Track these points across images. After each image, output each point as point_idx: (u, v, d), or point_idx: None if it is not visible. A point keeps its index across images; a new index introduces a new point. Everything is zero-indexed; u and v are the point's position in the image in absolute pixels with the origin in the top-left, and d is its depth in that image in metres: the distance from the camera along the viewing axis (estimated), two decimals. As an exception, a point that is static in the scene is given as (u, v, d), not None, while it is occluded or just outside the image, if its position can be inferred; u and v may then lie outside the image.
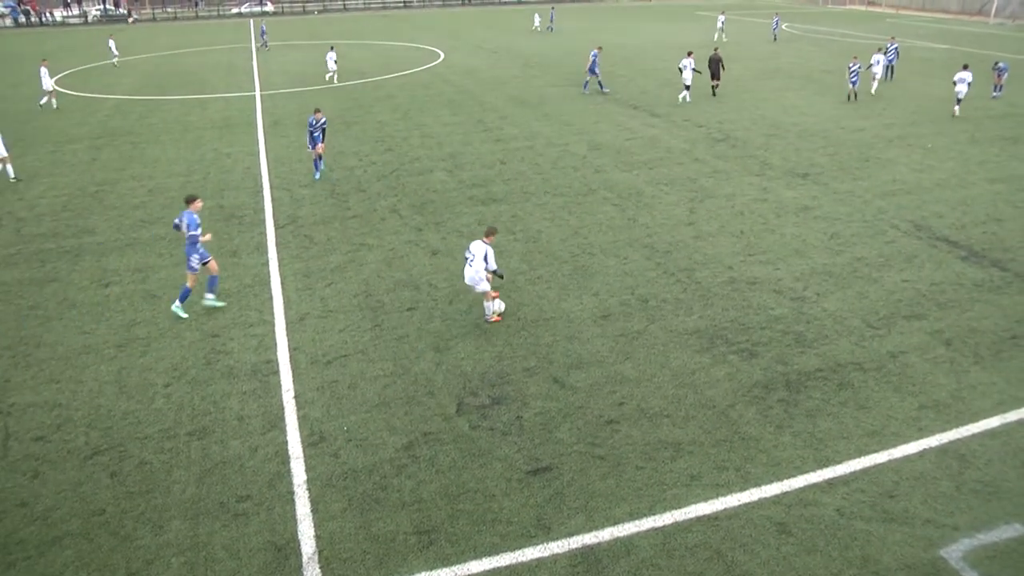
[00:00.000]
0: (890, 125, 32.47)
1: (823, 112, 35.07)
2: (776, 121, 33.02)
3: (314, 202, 22.36)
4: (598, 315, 15.48)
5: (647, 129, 31.33)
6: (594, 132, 30.79)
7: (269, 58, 53.43)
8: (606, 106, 36.10)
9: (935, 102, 37.84)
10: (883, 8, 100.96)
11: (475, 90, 40.41)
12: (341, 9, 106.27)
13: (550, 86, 41.52)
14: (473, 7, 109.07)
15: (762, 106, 36.26)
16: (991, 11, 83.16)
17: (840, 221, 20.94)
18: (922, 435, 11.86)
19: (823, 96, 39.05)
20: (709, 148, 28.41)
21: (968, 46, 60.00)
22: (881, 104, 37.07)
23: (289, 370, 13.56)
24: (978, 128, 32.08)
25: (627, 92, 39.82)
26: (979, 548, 9.64)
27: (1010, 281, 17.37)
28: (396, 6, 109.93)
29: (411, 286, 16.88)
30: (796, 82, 43.33)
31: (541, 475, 10.86)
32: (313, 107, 26.19)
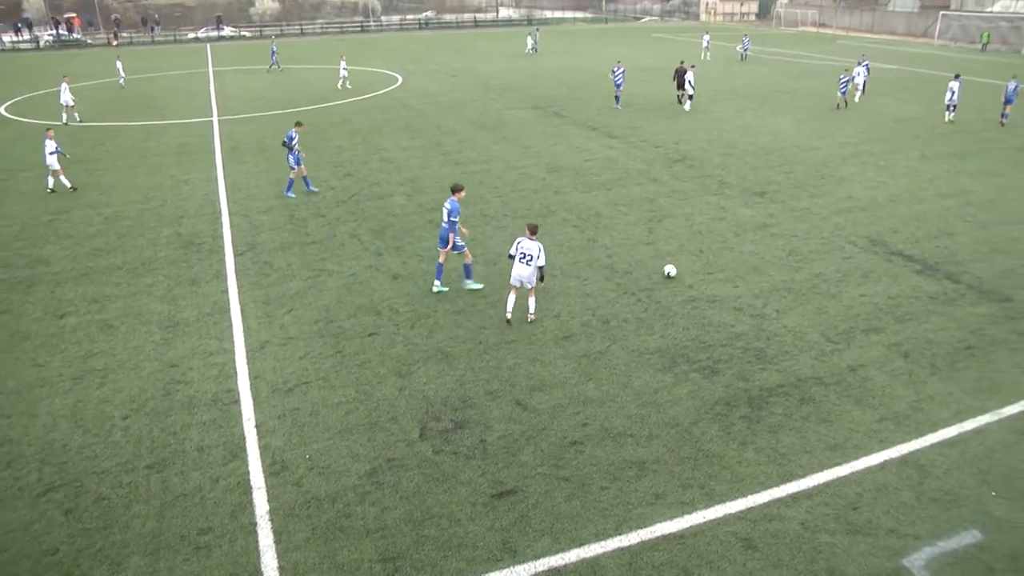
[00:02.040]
0: (844, 144, 33.08)
1: (779, 131, 35.64)
2: (732, 141, 33.49)
3: (273, 228, 22.25)
4: (560, 336, 15.55)
5: (605, 150, 31.61)
6: (552, 154, 31.00)
7: (226, 83, 53.15)
8: (564, 128, 36.37)
9: (887, 120, 38.65)
10: (834, 30, 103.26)
11: (433, 114, 40.51)
12: (298, 33, 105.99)
13: (508, 109, 41.75)
14: (431, 31, 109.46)
15: (718, 126, 36.75)
16: (935, 33, 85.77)
17: (798, 238, 21.25)
18: (883, 447, 12.08)
19: (778, 116, 39.69)
20: (667, 168, 28.71)
21: (916, 66, 61.41)
22: (835, 123, 37.76)
23: (250, 399, 13.43)
24: (928, 145, 32.81)
25: (584, 114, 40.17)
26: (940, 556, 9.84)
27: (963, 293, 17.77)
28: (353, 30, 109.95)
29: (372, 311, 16.84)
30: (751, 102, 43.99)
31: (506, 498, 10.86)
32: (293, 122, 26.21)
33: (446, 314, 16.62)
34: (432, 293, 17.71)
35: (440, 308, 16.91)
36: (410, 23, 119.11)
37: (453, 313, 16.67)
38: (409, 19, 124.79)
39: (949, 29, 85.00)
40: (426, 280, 18.35)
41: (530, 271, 15.27)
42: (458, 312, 16.70)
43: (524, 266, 15.28)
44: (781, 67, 61.57)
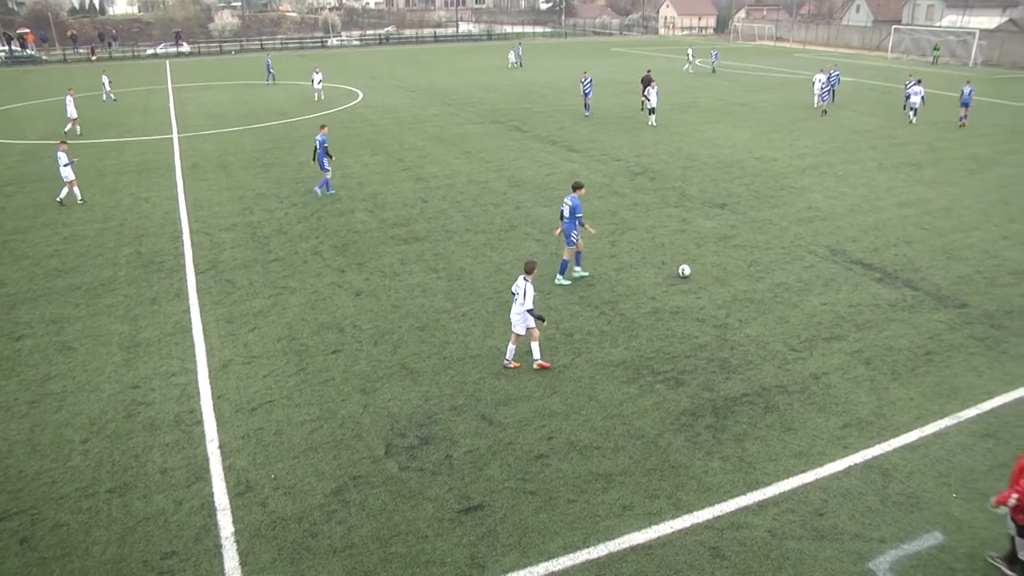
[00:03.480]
0: (803, 155, 33.56)
1: (738, 144, 36.05)
2: (692, 153, 33.81)
3: (235, 246, 22.09)
4: (524, 351, 15.53)
5: (566, 164, 31.77)
6: (514, 168, 31.10)
7: (186, 99, 52.71)
8: (525, 142, 36.51)
9: (845, 131, 39.28)
10: (791, 44, 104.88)
11: (394, 129, 40.49)
12: (258, 49, 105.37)
13: (469, 123, 41.84)
14: (391, 46, 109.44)
15: (678, 139, 37.10)
16: (888, 47, 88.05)
17: (759, 249, 21.50)
18: (847, 453, 12.28)
19: (737, 128, 40.15)
20: (628, 181, 28.92)
21: (871, 79, 62.44)
22: (794, 135, 38.28)
23: (213, 419, 13.30)
24: (885, 156, 33.39)
25: (545, 128, 40.36)
26: (904, 558, 10.04)
27: (921, 300, 18.10)
28: (314, 46, 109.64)
29: (335, 328, 16.77)
30: (711, 115, 44.48)
31: (473, 513, 10.87)
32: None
33: (410, 330, 16.60)
34: (392, 309, 17.69)
35: (404, 324, 16.89)
36: (370, 38, 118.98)
37: (417, 329, 16.65)
38: (369, 34, 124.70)
39: (902, 43, 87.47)
40: (388, 296, 18.33)
41: (516, 312, 14.36)
42: (422, 328, 16.69)
43: (515, 305, 14.44)
44: (740, 80, 62.32)
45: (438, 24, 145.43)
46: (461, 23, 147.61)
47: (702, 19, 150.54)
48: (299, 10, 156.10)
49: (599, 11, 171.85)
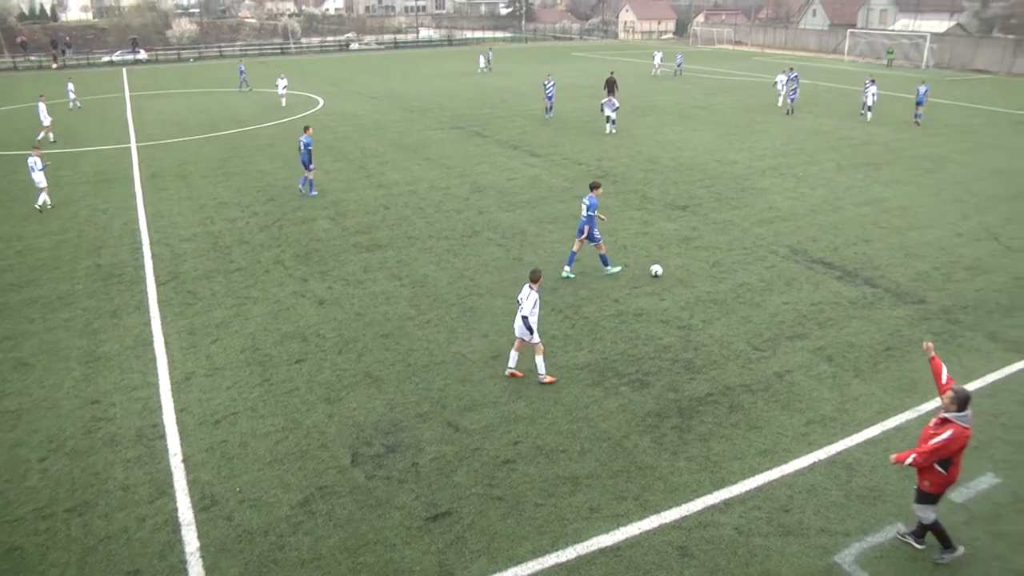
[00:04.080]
0: (762, 156, 33.93)
1: (699, 146, 36.37)
2: (653, 156, 34.05)
3: (196, 256, 21.86)
4: (488, 356, 15.59)
5: (528, 169, 31.84)
6: (476, 174, 31.11)
7: (144, 108, 52.04)
8: (486, 147, 36.54)
9: (803, 133, 39.82)
10: (749, 47, 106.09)
11: (355, 136, 40.32)
12: (217, 56, 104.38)
13: (430, 129, 41.78)
14: (351, 53, 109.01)
15: (639, 143, 37.35)
16: (845, 50, 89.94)
17: (721, 250, 21.70)
18: (811, 449, 12.46)
19: (698, 131, 40.51)
20: (590, 185, 29.01)
21: (829, 81, 63.31)
22: (754, 137, 38.70)
23: (176, 433, 13.14)
24: (843, 156, 33.89)
25: (507, 133, 40.42)
26: (868, 550, 10.24)
27: (881, 297, 18.39)
28: (273, 52, 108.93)
29: (299, 338, 16.66)
30: (671, 118, 44.84)
31: (441, 520, 10.86)
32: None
33: (374, 338, 16.54)
34: (356, 317, 17.62)
35: (368, 332, 16.82)
36: (330, 45, 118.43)
37: (381, 337, 16.59)
38: (329, 41, 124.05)
39: (857, 46, 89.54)
40: (352, 304, 18.26)
41: (519, 321, 14.10)
42: (386, 336, 16.64)
43: (518, 315, 14.15)
44: (699, 83, 62.88)
45: (398, 30, 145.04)
46: (422, 29, 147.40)
47: (661, 23, 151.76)
48: (258, 16, 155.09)
49: (559, 16, 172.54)
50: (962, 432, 9.33)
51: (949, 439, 9.30)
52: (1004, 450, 12.51)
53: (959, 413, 9.39)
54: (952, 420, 9.40)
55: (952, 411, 9.44)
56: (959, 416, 9.38)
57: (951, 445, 9.32)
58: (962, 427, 9.34)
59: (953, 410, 9.43)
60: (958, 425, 9.34)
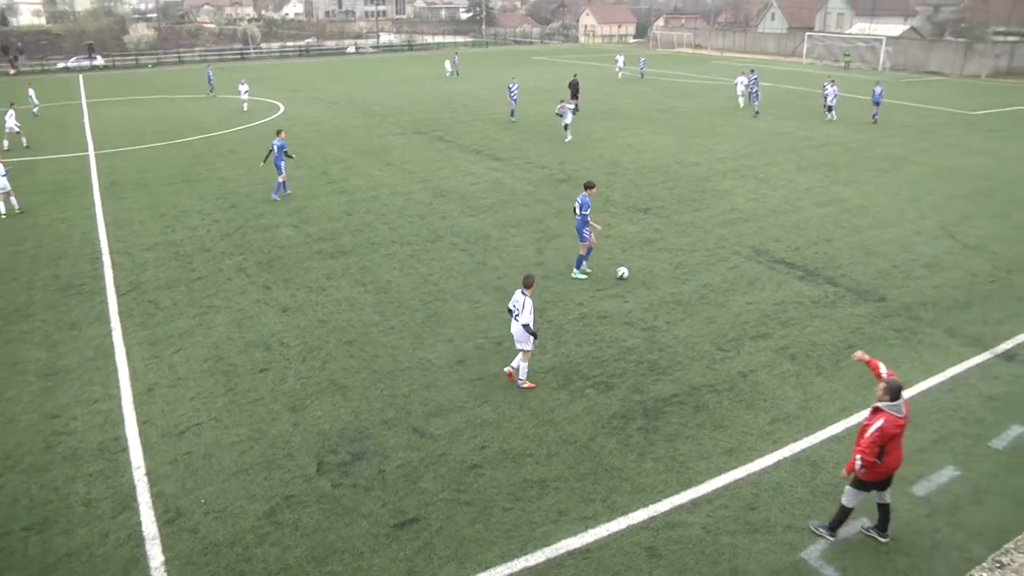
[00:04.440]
0: (723, 158, 34.25)
1: (660, 149, 36.62)
2: (615, 160, 34.23)
3: (157, 265, 21.60)
4: (453, 361, 15.59)
5: (490, 173, 31.87)
6: (438, 179, 31.08)
7: (102, 115, 51.25)
8: (448, 152, 36.51)
9: (764, 135, 40.25)
10: (709, 51, 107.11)
11: (317, 142, 40.09)
12: (177, 62, 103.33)
13: (392, 135, 41.66)
14: (311, 58, 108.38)
15: (601, 146, 37.51)
16: (803, 53, 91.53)
17: (683, 251, 21.86)
18: (776, 447, 12.62)
19: (659, 134, 40.77)
20: (552, 189, 29.14)
21: (788, 83, 64.05)
22: (715, 139, 39.07)
23: (139, 445, 12.96)
24: (803, 157, 34.31)
25: (469, 137, 40.42)
26: (834, 545, 10.41)
27: (842, 295, 18.66)
28: (233, 58, 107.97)
29: (262, 346, 16.53)
30: (632, 121, 45.10)
31: (408, 527, 10.83)
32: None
33: (338, 345, 16.46)
34: (320, 324, 17.53)
35: (332, 339, 16.74)
36: (290, 50, 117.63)
37: (345, 344, 16.52)
38: (289, 46, 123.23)
39: (815, 49, 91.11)
40: (315, 311, 18.16)
41: (518, 328, 13.89)
42: (350, 342, 16.57)
43: (513, 322, 14.01)
44: (660, 87, 63.32)
45: (359, 35, 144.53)
46: (382, 34, 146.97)
47: (622, 27, 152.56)
48: (217, 21, 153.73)
49: (519, 20, 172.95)
50: (894, 420, 9.63)
51: (882, 427, 9.59)
52: (963, 443, 12.75)
53: (891, 402, 9.70)
54: (884, 409, 9.71)
55: (885, 400, 9.75)
56: (891, 405, 9.69)
57: (885, 433, 9.60)
58: (894, 416, 9.64)
59: (886, 399, 9.74)
60: (890, 414, 9.65)
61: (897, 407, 9.66)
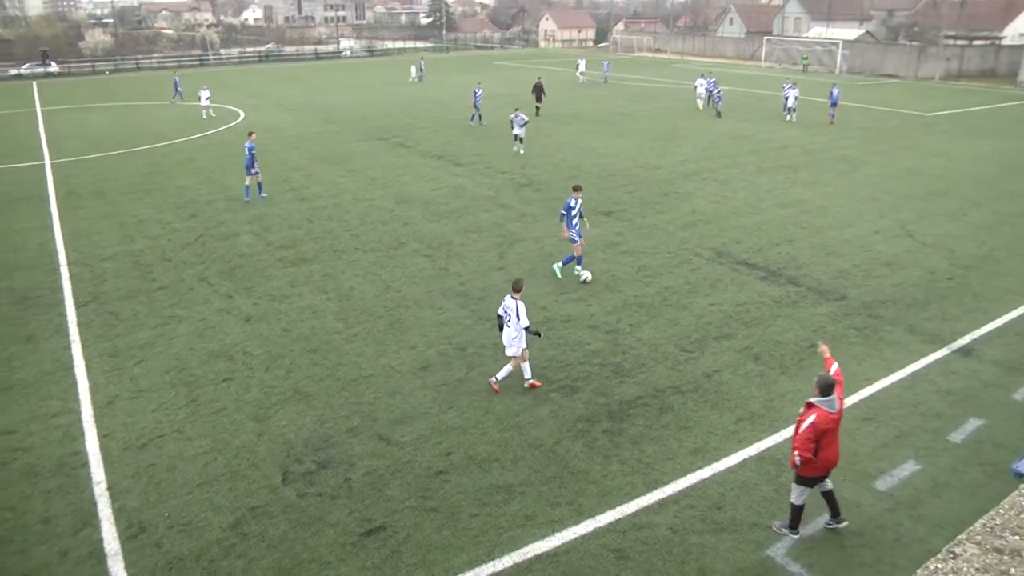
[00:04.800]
0: (684, 161, 34.52)
1: (621, 152, 36.81)
2: (577, 164, 34.35)
3: (117, 276, 21.30)
4: (418, 367, 15.56)
5: (452, 179, 31.85)
6: (400, 185, 31.00)
7: (58, 123, 50.44)
8: (410, 158, 36.43)
9: (724, 137, 40.65)
10: (669, 55, 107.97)
11: (278, 149, 39.79)
12: (135, 68, 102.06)
13: (353, 141, 41.47)
14: (271, 64, 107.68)
15: (563, 150, 37.62)
16: (762, 57, 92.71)
17: (646, 254, 22.00)
18: (741, 446, 12.74)
19: (620, 138, 40.99)
20: (514, 193, 29.19)
21: (747, 87, 64.70)
22: (675, 142, 39.38)
23: (100, 460, 12.74)
24: (763, 159, 34.69)
25: (430, 143, 40.36)
26: (799, 542, 10.52)
27: (804, 295, 18.89)
28: (192, 64, 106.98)
29: (225, 356, 16.37)
30: (593, 126, 45.30)
31: (375, 535, 10.79)
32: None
33: (302, 353, 16.35)
34: (283, 333, 17.41)
35: (295, 348, 16.63)
36: (250, 56, 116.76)
37: (309, 352, 16.41)
38: (249, 52, 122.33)
39: (773, 53, 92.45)
40: (278, 320, 18.03)
41: (510, 335, 13.97)
42: (314, 351, 16.47)
43: (507, 329, 14.00)
44: (620, 91, 63.69)
45: (319, 41, 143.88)
46: (342, 40, 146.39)
47: (581, 31, 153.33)
48: (176, 27, 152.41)
49: (480, 25, 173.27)
50: (826, 415, 9.81)
51: (815, 423, 9.76)
52: (924, 438, 12.96)
53: (823, 398, 9.89)
54: (816, 404, 9.90)
55: (816, 396, 9.93)
56: (823, 400, 9.88)
57: (818, 428, 9.77)
58: (826, 411, 9.83)
59: (816, 395, 9.93)
60: (822, 409, 9.83)
61: (829, 402, 9.86)
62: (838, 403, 9.92)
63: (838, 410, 9.91)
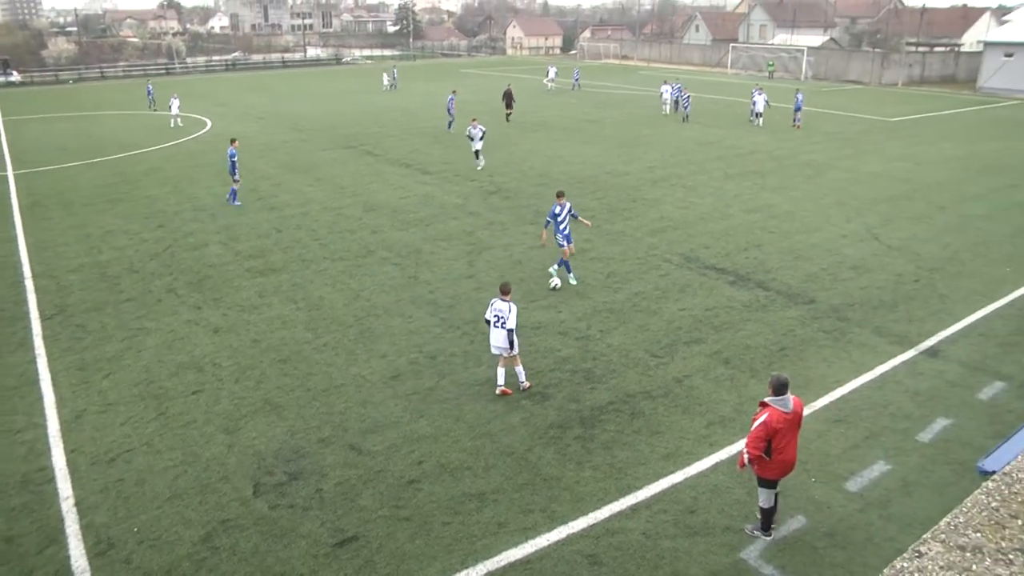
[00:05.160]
0: (652, 168, 34.73)
1: (588, 159, 36.96)
2: (545, 171, 34.45)
3: (84, 288, 21.03)
4: (388, 376, 15.51)
5: (420, 187, 31.81)
6: (368, 193, 30.91)
7: (21, 133, 49.70)
8: (378, 166, 36.35)
9: (691, 144, 40.98)
10: (635, 61, 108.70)
11: (245, 158, 39.32)
12: (99, 77, 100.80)
13: (320, 150, 41.29)
14: (238, 72, 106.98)
15: (530, 157, 37.72)
16: (728, 64, 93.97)
17: (615, 260, 22.09)
18: (713, 450, 12.82)
19: (588, 145, 41.16)
20: (482, 201, 29.21)
21: (714, 93, 65.20)
22: (643, 148, 39.61)
23: (67, 475, 12.54)
24: (730, 165, 34.99)
25: (398, 151, 40.30)
26: (772, 544, 10.60)
27: (773, 299, 19.06)
28: (158, 73, 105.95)
29: (194, 368, 16.22)
30: (561, 133, 45.46)
31: (348, 546, 10.74)
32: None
33: (272, 364, 16.25)
34: (253, 343, 17.28)
35: (265, 358, 16.51)
36: (216, 64, 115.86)
37: (279, 362, 16.31)
38: (215, 60, 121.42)
39: (739, 59, 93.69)
40: (248, 330, 17.91)
41: (504, 335, 14.06)
42: (284, 361, 16.37)
43: (499, 330, 14.08)
44: (587, 98, 63.99)
45: (286, 49, 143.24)
46: (309, 48, 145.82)
47: (548, 39, 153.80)
48: (141, 35, 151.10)
49: (447, 33, 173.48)
50: (779, 415, 9.91)
51: (766, 421, 9.86)
52: (893, 438, 13.14)
53: (776, 397, 9.98)
54: (769, 403, 10.01)
55: (769, 395, 10.03)
56: (776, 400, 9.97)
57: (769, 427, 9.87)
58: (779, 410, 9.92)
59: (770, 394, 10.03)
60: (775, 408, 9.93)
61: (783, 402, 9.94)
62: (792, 403, 10.01)
63: (792, 410, 9.99)
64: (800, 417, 10.21)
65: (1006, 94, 67.30)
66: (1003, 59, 69.66)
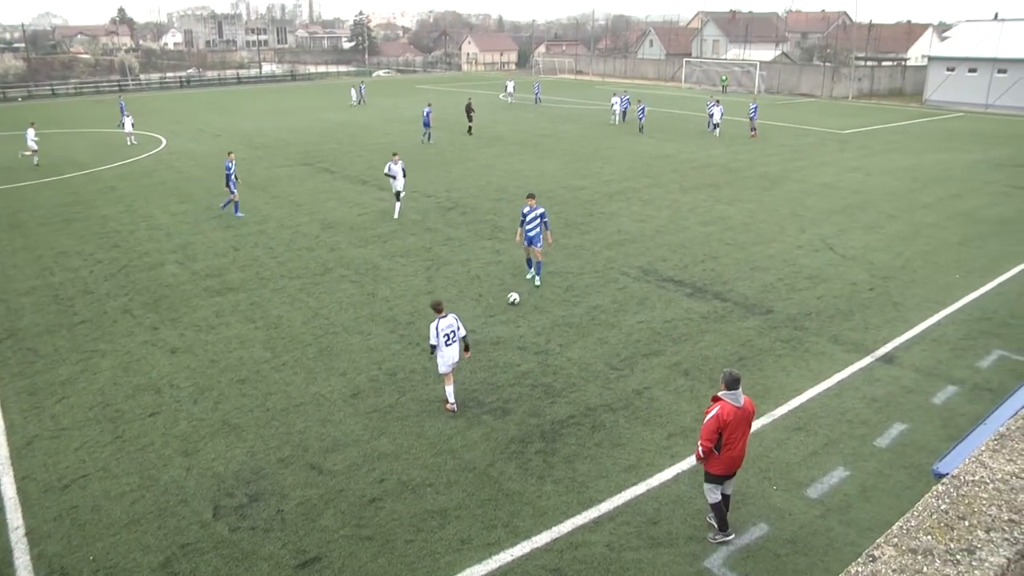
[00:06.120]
0: (608, 181, 34.95)
1: (545, 173, 37.14)
2: (501, 186, 34.54)
3: (36, 310, 20.64)
4: (348, 394, 15.42)
5: (378, 203, 31.70)
6: (325, 210, 30.76)
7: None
8: (335, 183, 36.19)
9: (646, 157, 41.33)
10: (591, 76, 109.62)
11: (201, 176, 39.11)
12: (49, 95, 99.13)
13: (277, 167, 41.00)
14: (193, 89, 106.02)
15: (486, 172, 37.81)
16: (682, 78, 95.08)
17: (572, 274, 22.18)
18: (674, 461, 12.93)
19: (544, 159, 41.36)
20: (440, 216, 29.21)
21: (668, 107, 65.89)
22: (598, 163, 39.88)
23: (17, 504, 12.23)
24: (685, 179, 35.36)
25: (355, 168, 40.15)
26: (735, 552, 10.70)
27: (731, 310, 19.27)
28: (111, 90, 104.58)
29: (152, 390, 15.98)
30: (516, 147, 45.63)
31: (310, 567, 10.64)
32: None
33: (230, 384, 16.07)
34: (211, 364, 17.08)
35: (223, 379, 16.33)
36: (171, 81, 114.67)
37: (237, 382, 16.14)
38: (170, 77, 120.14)
39: (693, 74, 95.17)
40: (205, 351, 17.70)
41: (458, 348, 14.19)
42: (242, 381, 16.20)
43: (453, 346, 14.12)
44: (544, 112, 64.35)
45: (241, 65, 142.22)
46: (264, 64, 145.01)
47: (504, 55, 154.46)
48: (93, 52, 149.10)
49: (402, 49, 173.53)
50: (731, 408, 10.13)
51: (718, 414, 10.09)
52: (851, 444, 13.34)
53: (728, 391, 10.21)
54: (721, 397, 10.24)
55: (722, 390, 10.26)
56: (728, 394, 10.21)
57: (721, 420, 10.08)
58: (731, 404, 10.16)
59: (723, 389, 10.26)
60: (726, 402, 10.17)
61: (734, 396, 10.17)
62: (743, 400, 10.21)
63: (743, 406, 10.19)
64: (751, 415, 10.42)
65: (950, 107, 69.04)
66: (946, 73, 71.42)
